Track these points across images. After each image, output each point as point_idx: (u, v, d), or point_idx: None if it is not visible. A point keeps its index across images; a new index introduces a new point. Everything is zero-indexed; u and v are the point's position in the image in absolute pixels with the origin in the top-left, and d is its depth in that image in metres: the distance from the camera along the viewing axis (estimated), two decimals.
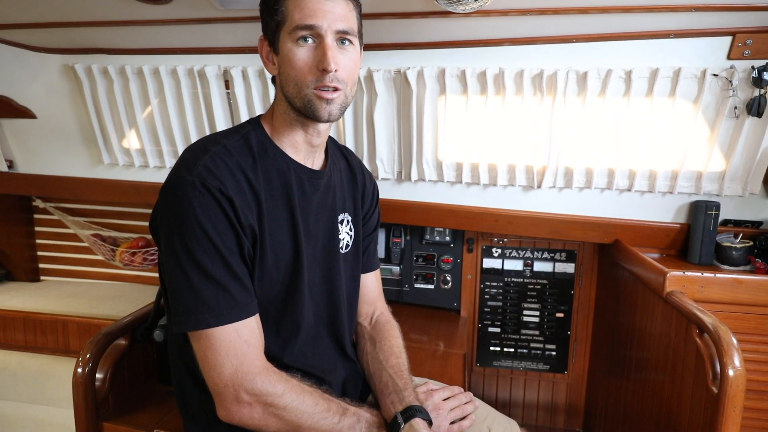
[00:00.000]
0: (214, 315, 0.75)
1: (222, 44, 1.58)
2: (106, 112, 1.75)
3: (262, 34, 0.85)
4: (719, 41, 1.32)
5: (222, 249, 0.76)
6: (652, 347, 1.31)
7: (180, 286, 0.75)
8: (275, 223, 0.83)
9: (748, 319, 1.26)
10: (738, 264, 1.45)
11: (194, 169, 0.76)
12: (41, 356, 1.89)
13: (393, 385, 0.91)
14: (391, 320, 1.09)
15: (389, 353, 0.98)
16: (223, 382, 0.75)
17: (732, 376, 0.91)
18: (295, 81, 0.81)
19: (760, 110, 1.33)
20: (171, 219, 0.76)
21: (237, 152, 0.81)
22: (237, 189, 0.78)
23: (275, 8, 0.80)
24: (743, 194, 1.46)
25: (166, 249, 0.77)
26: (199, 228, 0.74)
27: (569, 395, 1.92)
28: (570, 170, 1.54)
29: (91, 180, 1.93)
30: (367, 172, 1.08)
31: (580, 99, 1.44)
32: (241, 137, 0.84)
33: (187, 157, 0.79)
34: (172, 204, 0.76)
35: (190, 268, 0.75)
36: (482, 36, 1.43)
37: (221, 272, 0.76)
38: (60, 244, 2.28)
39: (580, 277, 1.84)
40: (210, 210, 0.75)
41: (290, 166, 0.86)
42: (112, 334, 1.19)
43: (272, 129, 0.88)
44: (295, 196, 0.85)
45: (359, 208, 1.03)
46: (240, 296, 0.77)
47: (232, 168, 0.78)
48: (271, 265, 0.83)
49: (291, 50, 0.80)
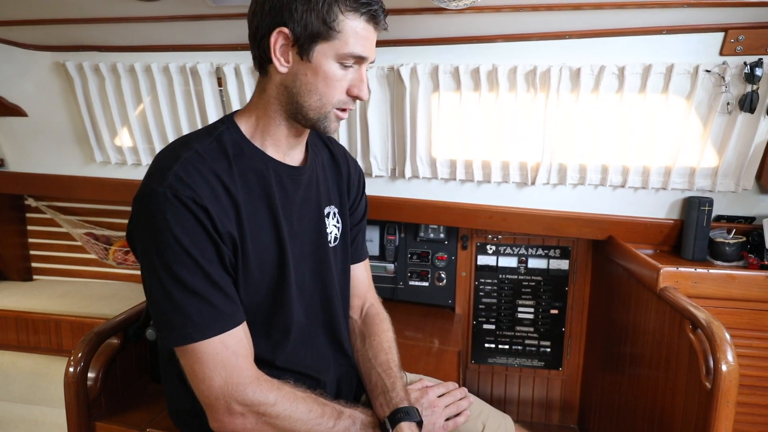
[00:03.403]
0: (199, 329, 0.73)
1: (214, 41, 1.57)
2: (97, 109, 1.74)
3: (287, 27, 0.75)
4: (712, 37, 1.32)
5: (201, 261, 0.73)
6: (646, 343, 1.32)
7: (161, 302, 0.73)
8: (256, 227, 0.80)
9: (741, 314, 1.26)
10: (731, 260, 1.45)
11: (164, 179, 0.72)
12: (34, 356, 1.87)
13: (382, 385, 0.90)
14: (382, 312, 1.07)
15: (378, 349, 0.96)
16: (213, 395, 0.74)
17: (725, 372, 0.91)
18: (322, 96, 0.78)
19: (752, 106, 1.33)
20: (146, 233, 0.73)
21: (210, 156, 0.77)
22: (212, 196, 0.74)
23: (328, 20, 0.74)
24: (736, 190, 1.47)
25: (144, 264, 0.75)
26: (176, 241, 0.71)
27: (564, 391, 1.93)
28: (564, 167, 1.54)
29: (83, 178, 1.91)
30: (351, 160, 1.04)
31: (574, 95, 1.44)
32: (214, 139, 0.79)
33: (157, 165, 0.75)
34: (145, 218, 0.73)
35: (169, 283, 0.72)
36: (475, 32, 1.43)
37: (202, 285, 0.73)
38: (53, 243, 2.26)
39: (575, 273, 1.85)
40: (185, 222, 0.72)
41: (269, 166, 0.83)
42: (103, 333, 1.19)
43: (252, 127, 0.83)
44: (275, 196, 0.82)
45: (345, 198, 1.00)
46: (224, 307, 0.75)
47: (205, 174, 0.74)
48: (255, 270, 0.81)
49: (332, 69, 0.77)
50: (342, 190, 0.99)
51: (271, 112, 0.82)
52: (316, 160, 0.94)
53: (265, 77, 0.81)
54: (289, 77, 0.78)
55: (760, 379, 1.24)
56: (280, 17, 0.75)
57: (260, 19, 0.77)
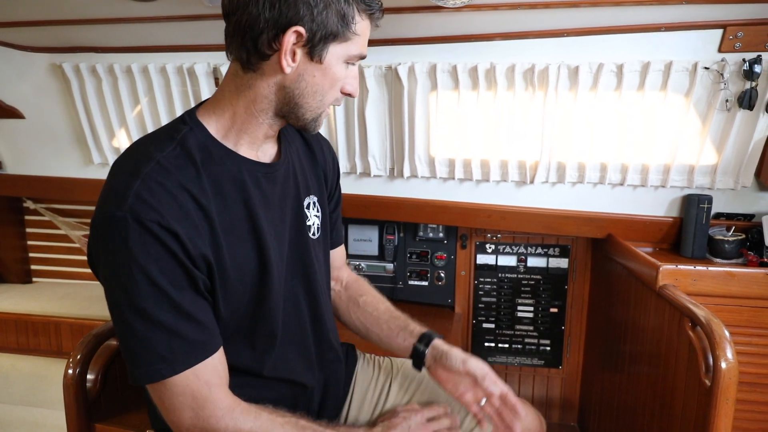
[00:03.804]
0: (168, 363, 0.66)
1: (211, 41, 1.57)
2: (95, 111, 1.74)
3: (302, 25, 0.67)
4: (710, 34, 1.32)
5: (170, 291, 0.65)
6: (645, 341, 1.32)
7: (125, 337, 0.66)
8: (234, 238, 0.73)
9: (741, 311, 1.26)
10: (730, 257, 1.45)
11: (124, 201, 0.63)
12: (34, 358, 1.88)
13: (395, 326, 0.94)
14: (358, 277, 1.08)
15: (374, 304, 1.00)
16: (184, 426, 0.69)
17: (724, 369, 0.91)
18: (324, 97, 0.75)
19: (751, 103, 1.33)
20: (106, 262, 0.66)
21: (174, 167, 0.67)
22: (180, 215, 0.66)
23: (346, 20, 0.70)
24: (735, 187, 1.47)
25: (107, 294, 0.68)
26: (140, 272, 0.63)
27: (564, 390, 1.93)
28: (562, 165, 1.54)
29: (81, 180, 1.91)
30: (325, 144, 0.98)
31: (572, 93, 1.44)
32: (177, 144, 0.69)
33: (114, 184, 0.66)
34: (103, 245, 0.65)
35: (133, 318, 0.65)
36: (473, 31, 1.42)
37: (171, 317, 0.66)
38: (51, 245, 2.26)
39: (574, 271, 1.84)
40: (149, 248, 0.63)
41: (243, 167, 0.74)
42: (102, 335, 1.18)
43: (225, 126, 0.74)
44: (253, 198, 0.75)
45: (323, 186, 0.94)
46: (196, 336, 0.68)
47: (171, 190, 0.65)
48: (236, 283, 0.74)
49: (340, 70, 0.73)
50: (319, 177, 0.93)
51: (255, 110, 0.74)
52: (290, 151, 0.86)
53: (252, 73, 0.72)
54: (292, 77, 0.71)
55: (759, 376, 1.24)
56: (294, 13, 0.67)
57: (261, 9, 0.67)
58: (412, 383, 1.04)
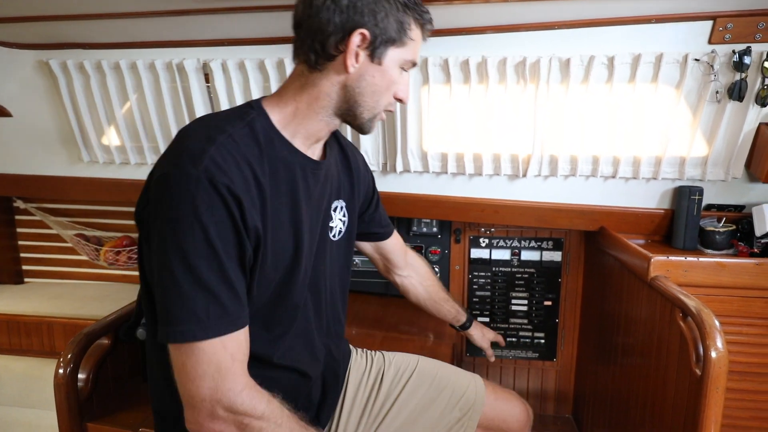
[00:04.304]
0: (202, 327, 0.68)
1: (200, 37, 1.55)
2: (83, 108, 1.72)
3: (367, 29, 0.75)
4: (700, 26, 1.32)
5: (221, 254, 0.68)
6: (637, 332, 1.33)
7: (168, 292, 0.68)
8: (278, 222, 0.77)
9: (732, 301, 1.27)
10: (721, 248, 1.46)
11: (200, 162, 0.67)
12: (26, 359, 1.86)
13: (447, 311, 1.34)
14: (416, 256, 1.31)
15: (434, 288, 1.31)
16: (200, 396, 0.69)
17: (714, 358, 0.91)
18: (380, 98, 0.81)
19: (741, 94, 1.33)
20: (166, 216, 0.68)
21: (243, 143, 0.73)
22: (245, 187, 0.71)
23: (404, 27, 0.78)
24: (726, 179, 1.47)
25: (156, 248, 0.69)
26: (200, 230, 0.67)
27: (558, 382, 1.94)
28: (555, 158, 1.54)
29: (71, 178, 1.89)
30: (360, 156, 1.06)
31: (564, 86, 1.43)
32: (246, 125, 0.76)
33: (190, 145, 0.70)
34: (170, 199, 0.67)
35: (182, 273, 0.67)
36: (464, 24, 1.42)
37: (216, 280, 0.69)
38: (43, 245, 2.24)
39: (567, 264, 1.85)
40: (215, 210, 0.67)
41: (295, 158, 0.80)
42: (93, 334, 1.18)
43: (286, 118, 0.80)
44: (300, 190, 0.80)
45: (355, 194, 1.00)
46: (232, 307, 0.70)
47: (239, 162, 0.71)
48: (270, 268, 0.78)
49: (395, 73, 0.81)
50: (352, 185, 1.00)
51: (317, 106, 0.80)
52: (331, 154, 0.93)
53: (317, 72, 0.79)
54: (354, 77, 0.78)
55: (749, 365, 1.25)
56: (360, 18, 0.75)
57: (330, 14, 0.74)
58: (404, 375, 1.12)
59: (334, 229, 0.94)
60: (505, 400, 1.18)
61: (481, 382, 1.17)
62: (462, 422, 1.09)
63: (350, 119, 0.83)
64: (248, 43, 1.54)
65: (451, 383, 1.13)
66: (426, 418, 1.07)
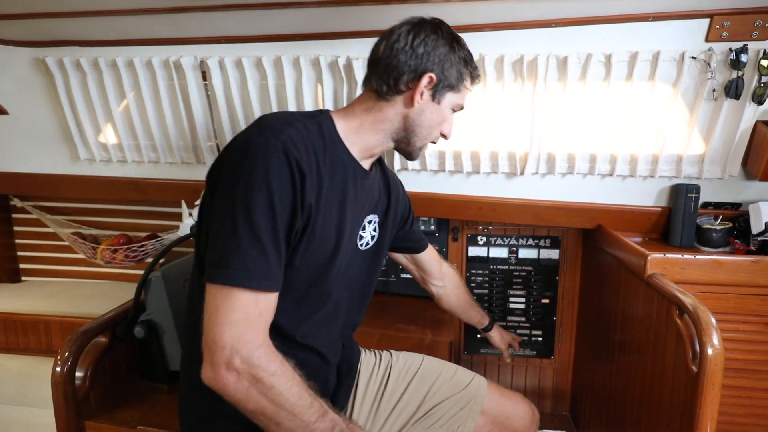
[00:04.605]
0: (248, 276, 0.75)
1: (197, 34, 1.54)
2: (80, 106, 1.71)
3: (435, 74, 0.90)
4: (697, 23, 1.32)
5: (278, 217, 0.77)
6: (634, 330, 1.33)
7: (226, 239, 0.76)
8: (327, 212, 0.86)
9: (728, 299, 1.27)
10: (718, 245, 1.46)
11: (280, 135, 0.78)
12: (23, 357, 1.85)
13: (474, 315, 1.47)
14: (449, 267, 1.43)
15: (464, 296, 1.44)
16: (222, 342, 0.74)
17: (711, 355, 0.92)
18: (432, 131, 0.96)
19: (737, 92, 1.33)
20: (241, 173, 0.77)
21: (313, 135, 0.84)
22: (309, 168, 0.80)
23: (462, 77, 0.94)
24: (723, 177, 1.48)
25: (224, 201, 0.78)
26: (267, 191, 0.76)
27: (556, 380, 1.95)
28: (552, 156, 1.54)
29: (68, 177, 1.88)
30: (400, 183, 1.19)
31: (561, 84, 1.44)
32: (316, 122, 0.87)
33: (272, 123, 0.82)
34: (248, 160, 0.77)
35: (243, 224, 0.75)
36: (462, 22, 1.41)
37: (269, 239, 0.77)
38: (40, 243, 2.23)
39: (565, 262, 1.86)
40: (282, 178, 0.77)
41: (350, 163, 0.91)
42: (91, 332, 1.18)
43: (349, 130, 0.92)
44: (349, 191, 0.90)
45: (392, 211, 1.09)
46: (275, 269, 0.78)
47: (308, 148, 0.81)
48: (313, 251, 0.86)
49: (448, 113, 0.97)
50: (390, 205, 1.09)
51: (378, 127, 0.94)
52: (376, 173, 1.04)
53: (384, 101, 0.92)
54: (416, 111, 0.92)
55: (745, 362, 1.26)
56: (431, 65, 0.90)
57: (407, 58, 0.89)
58: (410, 371, 1.20)
59: (364, 239, 1.02)
60: (510, 399, 1.24)
61: (484, 379, 1.23)
62: (464, 411, 1.16)
63: (403, 145, 0.97)
64: (245, 40, 1.53)
65: (455, 378, 1.21)
66: (433, 409, 1.15)
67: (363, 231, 1.01)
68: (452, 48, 0.92)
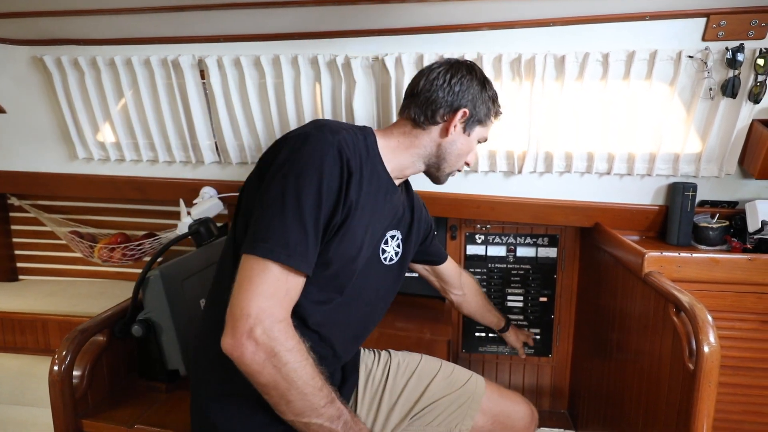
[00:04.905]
0: (286, 253, 0.79)
1: (196, 33, 1.54)
2: (78, 104, 1.71)
3: (468, 109, 1.01)
4: (694, 23, 1.33)
5: (323, 207, 0.83)
6: (632, 328, 1.33)
7: (273, 216, 0.81)
8: (361, 214, 0.91)
9: (724, 297, 1.28)
10: (715, 244, 1.47)
11: (336, 135, 0.86)
12: (21, 356, 1.85)
13: (491, 319, 1.57)
14: (468, 276, 1.51)
15: (482, 302, 1.53)
16: (248, 310, 0.77)
17: (707, 353, 0.92)
18: (459, 159, 1.06)
19: (734, 91, 1.34)
20: (297, 160, 0.83)
21: (359, 143, 0.92)
22: (356, 169, 0.88)
23: (489, 114, 1.06)
24: (719, 175, 1.48)
25: (277, 182, 0.83)
26: (318, 179, 0.82)
27: (554, 378, 1.95)
28: (550, 155, 1.54)
29: (66, 175, 1.88)
30: (424, 205, 1.27)
31: (559, 83, 1.44)
32: (362, 134, 0.95)
33: (329, 124, 0.90)
34: (305, 149, 0.84)
35: (292, 203, 0.81)
36: (460, 21, 1.42)
37: (312, 224, 0.82)
38: (37, 242, 2.23)
39: (563, 261, 1.86)
40: (333, 171, 0.83)
41: (384, 176, 0.99)
42: (89, 331, 1.18)
43: (388, 148, 1.00)
44: (379, 201, 0.97)
45: (415, 229, 1.15)
46: (311, 253, 0.83)
47: (356, 152, 0.89)
48: (348, 243, 0.90)
49: (474, 144, 1.07)
50: (412, 223, 1.15)
51: (413, 151, 1.03)
52: (402, 188, 1.12)
53: (420, 129, 1.02)
54: (448, 141, 1.02)
55: (742, 360, 1.27)
56: (465, 101, 1.01)
57: (444, 94, 1.00)
58: (407, 369, 1.22)
59: (388, 253, 1.07)
60: (509, 399, 1.26)
61: (482, 378, 1.25)
62: (462, 409, 1.18)
63: (433, 170, 1.07)
64: (244, 39, 1.53)
65: (452, 376, 1.23)
66: (430, 406, 1.18)
67: (386, 245, 1.06)
68: (484, 87, 1.04)
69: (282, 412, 0.82)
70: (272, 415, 0.84)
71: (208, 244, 1.54)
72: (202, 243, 1.54)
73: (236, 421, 0.91)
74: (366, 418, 1.15)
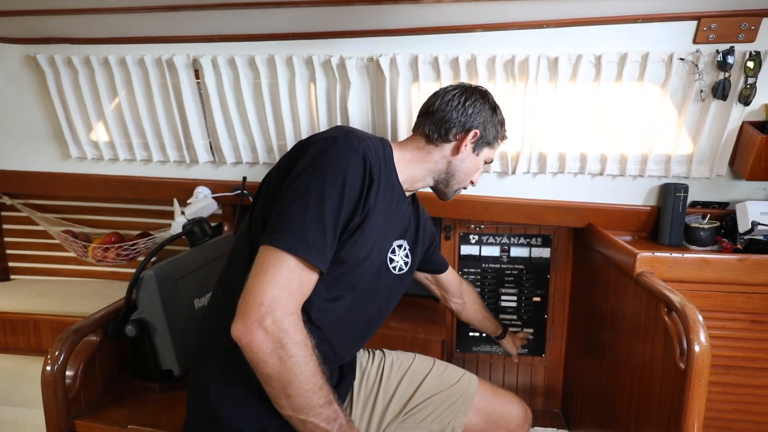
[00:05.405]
0: (304, 248, 0.82)
1: (190, 32, 1.54)
2: (72, 104, 1.70)
3: (479, 131, 1.07)
4: (685, 25, 1.34)
5: (343, 207, 0.86)
6: (624, 327, 1.35)
7: (295, 212, 0.83)
8: (375, 220, 0.94)
9: (715, 296, 1.29)
10: (706, 244, 1.49)
11: (362, 143, 0.90)
12: (13, 357, 1.84)
13: (490, 326, 1.59)
14: (467, 285, 1.53)
15: (482, 312, 1.55)
16: (261, 299, 0.78)
17: (698, 352, 0.93)
18: (467, 177, 1.11)
19: (724, 93, 1.36)
20: (323, 161, 0.86)
21: (380, 153, 0.96)
22: (377, 176, 0.91)
23: (497, 136, 1.12)
24: (710, 176, 1.50)
25: (302, 180, 0.85)
26: (342, 182, 0.85)
27: (547, 377, 1.96)
28: (543, 156, 1.55)
29: (59, 175, 1.87)
30: (429, 217, 1.28)
31: (552, 85, 1.45)
32: (382, 145, 0.99)
33: (355, 131, 0.94)
34: (333, 152, 0.87)
35: (314, 202, 0.83)
36: (454, 22, 1.42)
37: (331, 222, 0.84)
38: (30, 241, 2.21)
39: (556, 261, 1.87)
40: (357, 175, 0.87)
41: (397, 187, 1.03)
42: (82, 331, 1.17)
43: (402, 161, 1.05)
44: (392, 210, 1.00)
45: (420, 239, 1.17)
46: (328, 251, 0.85)
47: (378, 160, 0.93)
48: (357, 248, 0.92)
49: (481, 164, 1.13)
50: (418, 234, 1.17)
51: (424, 166, 1.08)
52: (410, 203, 1.14)
53: (433, 146, 1.07)
54: (458, 159, 1.07)
55: (732, 359, 1.28)
56: (477, 123, 1.07)
57: (458, 115, 1.06)
58: (401, 368, 1.24)
59: (396, 262, 1.09)
60: (503, 398, 1.27)
61: (474, 376, 1.27)
62: (455, 407, 1.19)
63: (441, 185, 1.11)
64: (238, 39, 1.53)
65: (445, 375, 1.24)
66: (423, 403, 1.19)
67: (394, 254, 1.08)
68: (494, 112, 1.10)
69: (281, 406, 0.82)
70: (272, 409, 0.84)
71: (202, 244, 1.53)
72: (196, 243, 1.53)
73: (236, 409, 0.91)
74: (361, 417, 1.16)
